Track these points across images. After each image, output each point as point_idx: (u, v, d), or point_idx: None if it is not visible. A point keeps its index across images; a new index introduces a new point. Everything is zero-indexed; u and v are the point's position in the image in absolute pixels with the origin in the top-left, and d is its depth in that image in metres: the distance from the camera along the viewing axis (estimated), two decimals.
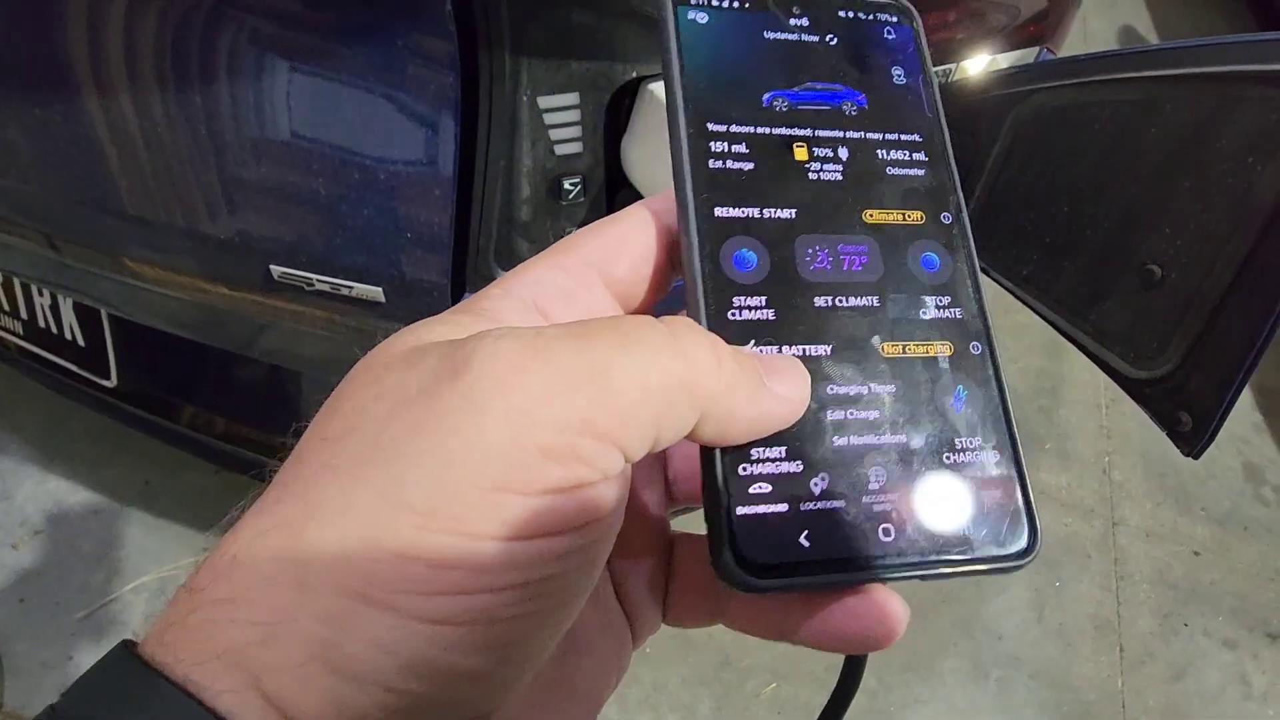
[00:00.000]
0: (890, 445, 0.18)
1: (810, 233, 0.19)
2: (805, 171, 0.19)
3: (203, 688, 0.13)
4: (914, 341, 0.19)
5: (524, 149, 0.46)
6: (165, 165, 0.51)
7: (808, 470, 0.17)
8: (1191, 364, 0.37)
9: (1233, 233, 0.35)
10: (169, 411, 0.71)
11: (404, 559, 0.13)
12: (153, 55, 0.48)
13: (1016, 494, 0.18)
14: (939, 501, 0.18)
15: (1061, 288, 0.44)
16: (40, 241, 0.60)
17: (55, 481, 1.06)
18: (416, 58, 0.44)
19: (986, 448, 0.18)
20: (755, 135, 0.19)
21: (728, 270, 0.18)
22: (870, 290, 0.19)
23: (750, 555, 0.17)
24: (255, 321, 0.57)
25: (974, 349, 0.19)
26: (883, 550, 0.17)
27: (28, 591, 0.97)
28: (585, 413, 0.14)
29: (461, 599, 0.13)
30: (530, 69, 0.44)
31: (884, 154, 0.20)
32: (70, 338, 0.71)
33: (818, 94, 0.20)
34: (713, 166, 0.19)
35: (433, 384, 0.14)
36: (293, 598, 0.13)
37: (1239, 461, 1.27)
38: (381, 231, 0.48)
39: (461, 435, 0.13)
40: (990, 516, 0.18)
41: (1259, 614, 1.11)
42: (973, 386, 0.19)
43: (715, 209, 0.18)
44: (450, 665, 0.13)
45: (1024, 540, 0.18)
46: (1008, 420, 0.19)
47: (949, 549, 0.17)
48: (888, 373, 0.18)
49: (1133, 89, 0.39)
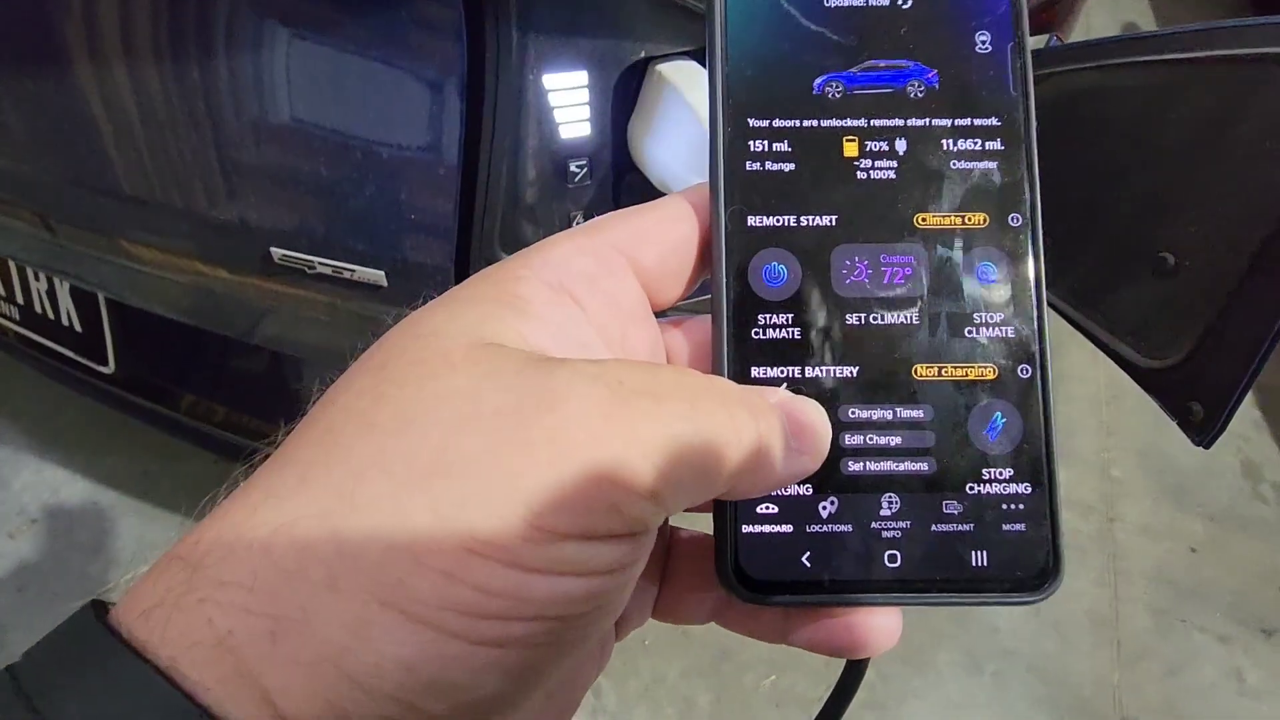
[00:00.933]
0: (909, 473, 0.17)
1: (850, 241, 0.18)
2: (854, 170, 0.18)
3: (187, 676, 0.12)
4: (953, 364, 0.17)
5: (530, 129, 0.45)
6: (163, 144, 0.50)
7: (817, 494, 0.17)
8: (1204, 353, 0.36)
9: (1250, 220, 0.34)
10: (167, 399, 0.70)
11: (451, 579, 0.13)
12: (150, 30, 0.47)
13: (1044, 530, 0.17)
14: (954, 533, 0.17)
15: (1073, 276, 0.43)
16: (36, 224, 0.59)
17: (53, 470, 1.05)
18: (421, 31, 0.43)
19: (1018, 479, 0.17)
20: (801, 130, 0.18)
21: (755, 285, 0.17)
22: (909, 306, 0.17)
23: (752, 571, 0.17)
24: (255, 306, 0.56)
25: (1022, 372, 0.17)
26: (886, 577, 0.17)
27: (25, 581, 0.97)
28: (656, 484, 0.14)
29: (502, 624, 0.13)
30: (537, 45, 0.44)
31: (950, 144, 0.18)
32: (67, 323, 0.71)
33: (879, 75, 0.18)
34: (750, 169, 0.18)
35: (514, 410, 0.14)
36: (319, 596, 0.13)
37: (1238, 459, 1.28)
38: (384, 213, 0.47)
39: (540, 474, 0.13)
40: (1010, 551, 0.17)
41: (1255, 611, 1.11)
42: (1013, 414, 0.17)
43: (749, 218, 0.17)
44: (471, 687, 0.13)
45: (1042, 578, 0.17)
46: (1048, 452, 0.17)
47: (957, 582, 0.17)
48: (918, 397, 0.17)
49: (1150, 73, 0.39)
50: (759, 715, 0.95)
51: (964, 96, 0.18)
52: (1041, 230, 0.18)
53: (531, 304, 0.16)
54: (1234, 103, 0.35)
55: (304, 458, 0.14)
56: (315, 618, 0.12)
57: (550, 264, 0.17)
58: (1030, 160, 0.18)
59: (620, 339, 0.17)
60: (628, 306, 0.17)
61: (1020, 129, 0.18)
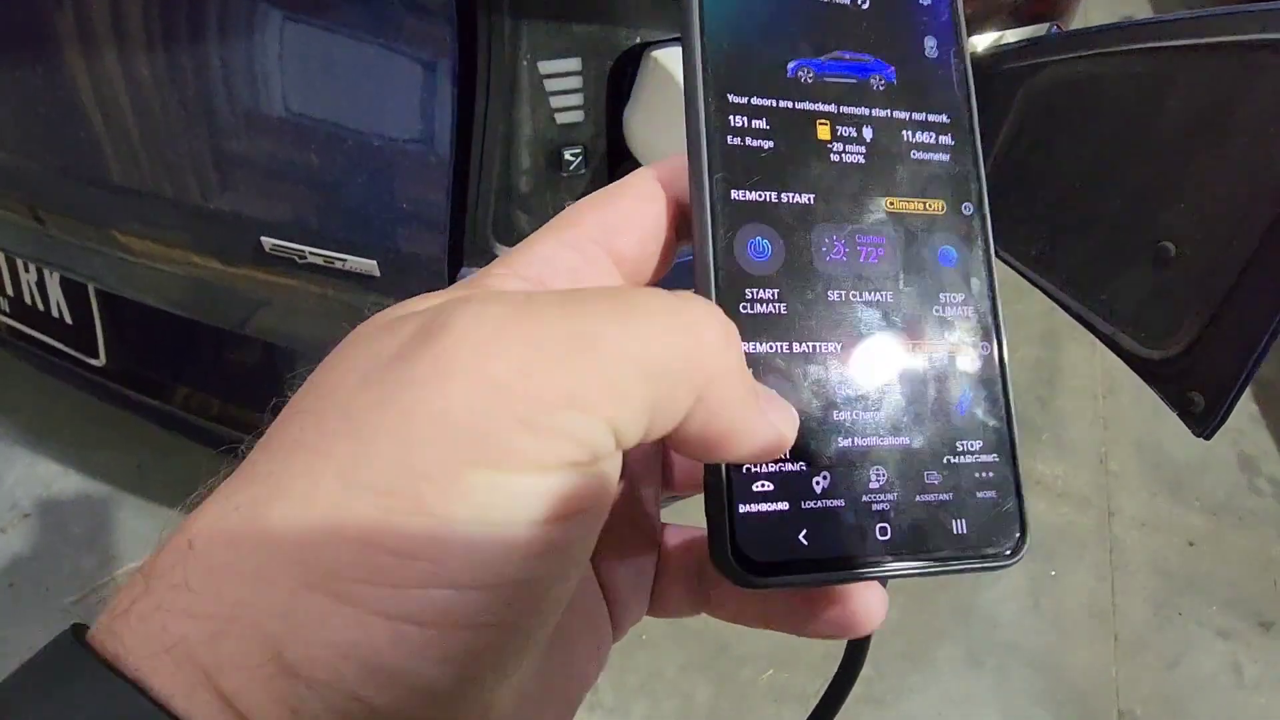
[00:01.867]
0: (893, 446, 0.18)
1: (829, 220, 0.18)
2: (828, 152, 0.18)
3: (152, 686, 0.12)
4: (925, 339, 0.18)
5: (524, 116, 0.45)
6: (153, 133, 0.50)
7: (811, 469, 0.17)
8: (1205, 343, 0.36)
9: (1249, 208, 0.34)
10: (159, 391, 0.70)
11: (366, 545, 0.12)
12: (139, 18, 0.47)
13: (1011, 496, 0.18)
14: (936, 502, 0.18)
15: (1072, 267, 0.43)
16: (25, 214, 0.59)
17: (45, 464, 1.04)
18: (413, 19, 0.43)
19: (986, 450, 0.18)
20: (778, 109, 0.18)
21: (741, 259, 0.17)
22: (885, 285, 0.18)
23: (750, 553, 0.17)
24: (246, 297, 0.55)
25: (982, 349, 0.19)
26: (880, 549, 0.17)
27: (17, 576, 0.96)
28: (571, 385, 0.13)
29: (425, 593, 0.12)
30: (531, 31, 0.43)
31: (909, 135, 0.19)
32: (57, 315, 0.70)
33: (845, 65, 0.19)
34: (731, 142, 0.18)
35: (406, 350, 0.13)
36: (248, 589, 0.12)
37: (1234, 452, 1.28)
38: (376, 201, 0.47)
39: (428, 405, 0.12)
40: (984, 517, 0.18)
41: (1252, 604, 1.11)
42: (978, 387, 0.19)
43: (732, 191, 0.17)
44: (411, 674, 0.12)
45: (1015, 541, 0.18)
46: (1009, 422, 0.19)
47: (943, 549, 0.18)
48: (897, 372, 0.18)
49: (1147, 60, 0.39)
50: (757, 709, 0.95)
51: (917, 93, 0.19)
52: (989, 218, 0.19)
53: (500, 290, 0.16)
54: (1230, 89, 0.34)
55: (249, 458, 0.14)
56: (249, 612, 0.12)
57: (531, 261, 0.16)
58: (976, 155, 0.20)
59: None
60: None
61: (966, 127, 0.20)
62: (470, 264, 0.49)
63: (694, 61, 0.18)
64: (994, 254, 0.19)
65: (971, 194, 0.19)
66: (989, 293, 0.19)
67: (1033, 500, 1.17)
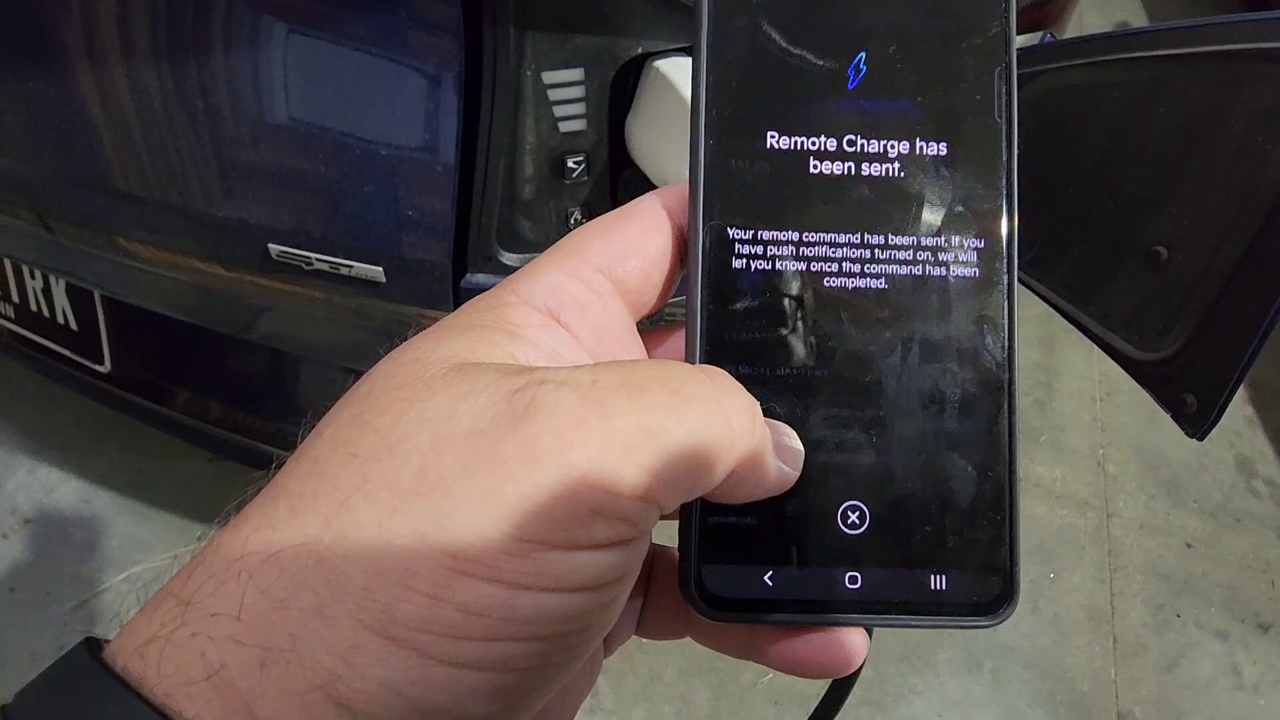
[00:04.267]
0: (873, 491, 0.17)
1: (829, 259, 0.17)
2: (835, 190, 0.17)
3: (182, 712, 0.12)
4: (922, 384, 0.17)
5: (527, 125, 0.45)
6: (160, 141, 0.50)
7: (780, 515, 0.17)
8: (1197, 345, 0.36)
9: (1240, 212, 0.35)
10: (164, 397, 0.70)
11: (436, 599, 0.13)
12: (147, 27, 0.47)
13: (1002, 555, 0.17)
14: (914, 554, 0.17)
15: (1066, 271, 0.44)
16: (32, 221, 0.59)
17: (46, 470, 1.04)
18: (419, 29, 0.43)
19: (979, 501, 0.17)
20: (784, 147, 0.17)
21: (732, 296, 0.17)
22: (882, 324, 0.17)
23: (715, 590, 0.17)
24: (253, 303, 0.56)
25: (990, 391, 0.17)
26: (845, 596, 0.17)
27: (18, 581, 0.96)
28: (639, 479, 0.14)
29: (486, 645, 0.13)
30: (535, 42, 0.44)
31: (931, 168, 0.18)
32: (63, 322, 0.70)
33: (865, 99, 0.18)
34: (732, 181, 0.17)
35: (489, 426, 0.14)
36: (307, 623, 0.13)
37: (1231, 455, 1.28)
38: (382, 209, 0.47)
39: (517, 486, 0.13)
40: (968, 575, 0.17)
41: (1250, 605, 1.12)
42: (979, 435, 0.17)
43: (728, 229, 0.17)
44: (458, 711, 0.13)
45: (999, 603, 0.17)
46: (1011, 481, 0.17)
47: (917, 603, 0.17)
48: (887, 415, 0.17)
49: (1140, 69, 0.39)
50: (757, 713, 0.95)
51: (946, 121, 0.18)
52: (1017, 257, 0.18)
53: (521, 327, 0.16)
54: (1222, 98, 0.35)
55: (293, 489, 0.14)
56: (304, 645, 0.12)
57: (539, 291, 0.17)
58: (1009, 188, 0.18)
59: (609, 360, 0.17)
60: (616, 331, 0.17)
61: (1000, 158, 0.18)
62: (474, 271, 0.50)
63: (700, 92, 0.17)
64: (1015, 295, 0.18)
65: (996, 230, 0.18)
66: (1005, 330, 0.17)
67: (1031, 503, 1.18)
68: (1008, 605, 0.17)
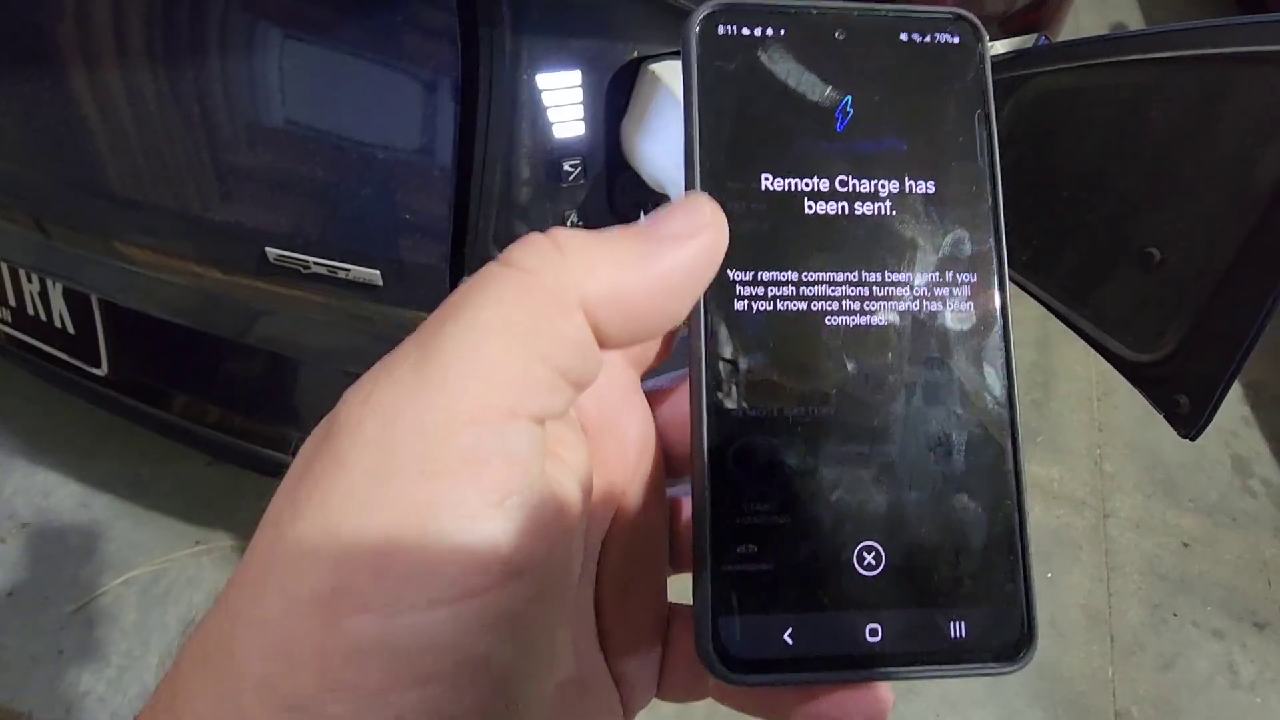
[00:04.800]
0: (886, 543, 0.17)
1: (830, 298, 0.17)
2: (828, 232, 0.17)
3: None
4: (926, 431, 0.17)
5: (523, 129, 0.46)
6: (157, 144, 0.50)
7: (795, 568, 0.17)
8: (1190, 347, 0.37)
9: (1232, 215, 0.35)
10: (161, 400, 0.70)
11: (322, 656, 0.12)
12: (144, 31, 0.47)
13: (1018, 597, 0.17)
14: (931, 604, 0.17)
15: (1061, 273, 0.44)
16: (29, 225, 0.59)
17: (44, 474, 1.04)
18: (416, 33, 0.43)
19: (992, 548, 0.17)
20: (776, 193, 0.17)
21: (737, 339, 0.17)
22: (884, 361, 0.17)
23: (732, 650, 0.16)
24: (250, 307, 0.56)
25: (993, 438, 0.17)
26: (867, 652, 0.17)
27: (16, 585, 0.96)
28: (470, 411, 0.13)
29: (381, 699, 0.12)
30: (530, 46, 0.44)
31: (919, 211, 0.18)
32: (60, 325, 0.70)
33: (854, 144, 0.18)
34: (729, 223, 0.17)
35: (312, 454, 0.13)
36: (214, 709, 0.12)
37: (1227, 454, 1.29)
38: (379, 213, 0.48)
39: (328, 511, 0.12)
40: (986, 621, 0.17)
41: (1247, 604, 1.12)
42: (986, 481, 0.17)
43: (728, 271, 0.17)
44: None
45: (1019, 647, 0.17)
46: (1021, 524, 0.17)
47: (937, 653, 0.17)
48: (895, 465, 0.17)
49: (1133, 72, 0.40)
50: None
51: (931, 166, 0.18)
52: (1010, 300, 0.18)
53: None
54: (1213, 101, 0.35)
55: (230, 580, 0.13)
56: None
57: None
58: (996, 232, 0.18)
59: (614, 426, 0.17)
60: (621, 393, 0.17)
61: (985, 201, 0.18)
62: (471, 273, 0.50)
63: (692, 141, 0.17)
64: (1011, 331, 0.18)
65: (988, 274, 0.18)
66: (1004, 374, 0.18)
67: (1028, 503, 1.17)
68: (1028, 649, 0.17)
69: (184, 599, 0.96)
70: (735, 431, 0.17)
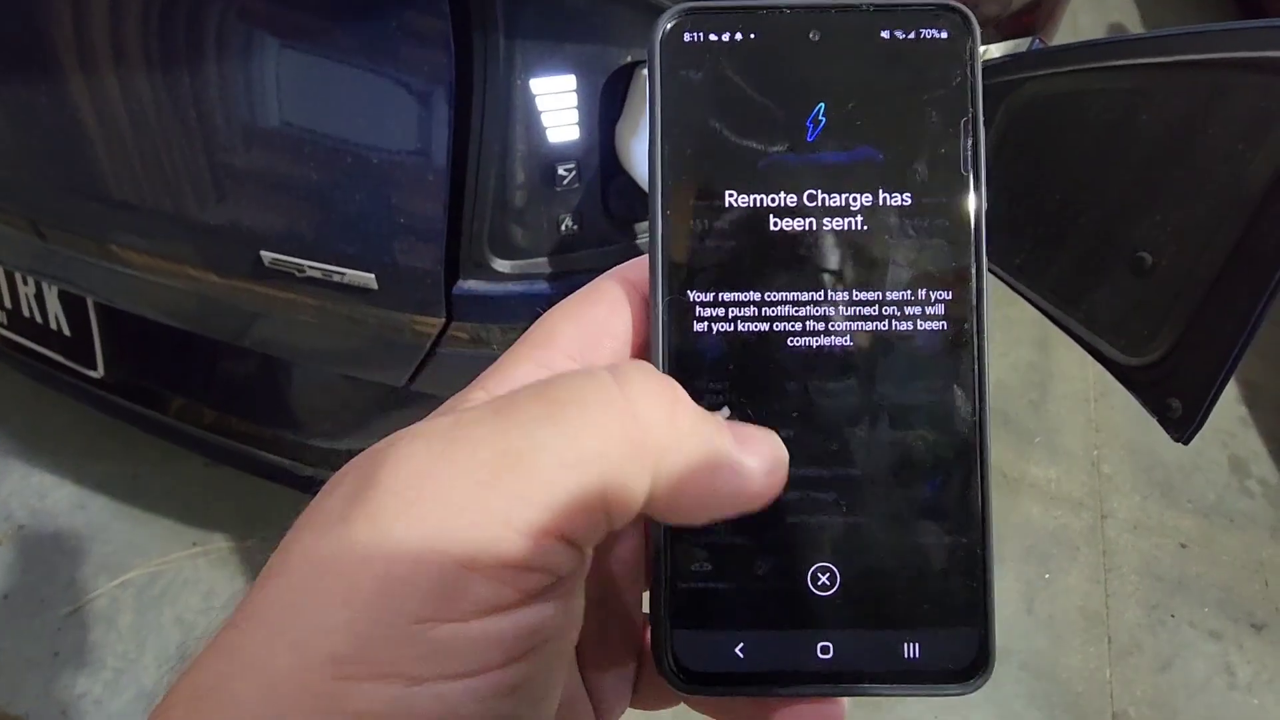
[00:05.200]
0: (842, 565, 0.17)
1: (792, 319, 0.17)
2: (796, 250, 0.17)
3: None
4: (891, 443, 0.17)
5: (518, 133, 0.46)
6: (153, 148, 0.50)
7: (749, 587, 0.17)
8: (1182, 350, 0.37)
9: (1223, 219, 0.35)
10: (157, 402, 0.70)
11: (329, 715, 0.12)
12: (140, 36, 0.48)
13: (976, 620, 0.17)
14: (885, 625, 0.17)
15: (1053, 276, 0.44)
16: (25, 228, 0.59)
17: (39, 475, 1.04)
18: (410, 38, 0.43)
19: (951, 573, 0.17)
20: (743, 210, 0.17)
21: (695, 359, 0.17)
22: (848, 383, 0.17)
23: (687, 663, 0.17)
24: (245, 310, 0.56)
25: (960, 462, 0.17)
26: (818, 669, 0.17)
27: (12, 587, 0.96)
28: (506, 511, 0.12)
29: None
30: (524, 51, 0.44)
31: (894, 225, 0.17)
32: (56, 327, 0.70)
33: (826, 155, 0.17)
34: (691, 243, 0.17)
35: (346, 508, 0.13)
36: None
37: (1224, 455, 1.29)
38: (374, 217, 0.48)
39: (371, 566, 0.12)
40: (940, 643, 0.17)
41: (1244, 605, 1.12)
42: (951, 506, 0.17)
43: (689, 291, 0.17)
44: None
45: (974, 670, 0.17)
46: (984, 547, 0.17)
47: (888, 673, 0.17)
48: (854, 481, 0.17)
49: (1124, 77, 0.40)
50: None
51: (910, 178, 0.17)
52: (987, 311, 0.17)
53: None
54: (1204, 106, 0.36)
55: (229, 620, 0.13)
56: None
57: (509, 387, 0.16)
58: (977, 244, 0.17)
59: None
60: None
61: (966, 215, 0.17)
62: (466, 277, 0.50)
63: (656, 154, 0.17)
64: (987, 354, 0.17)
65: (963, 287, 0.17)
66: (974, 384, 0.17)
67: (1026, 504, 1.18)
68: (982, 673, 0.17)
69: (180, 601, 0.96)
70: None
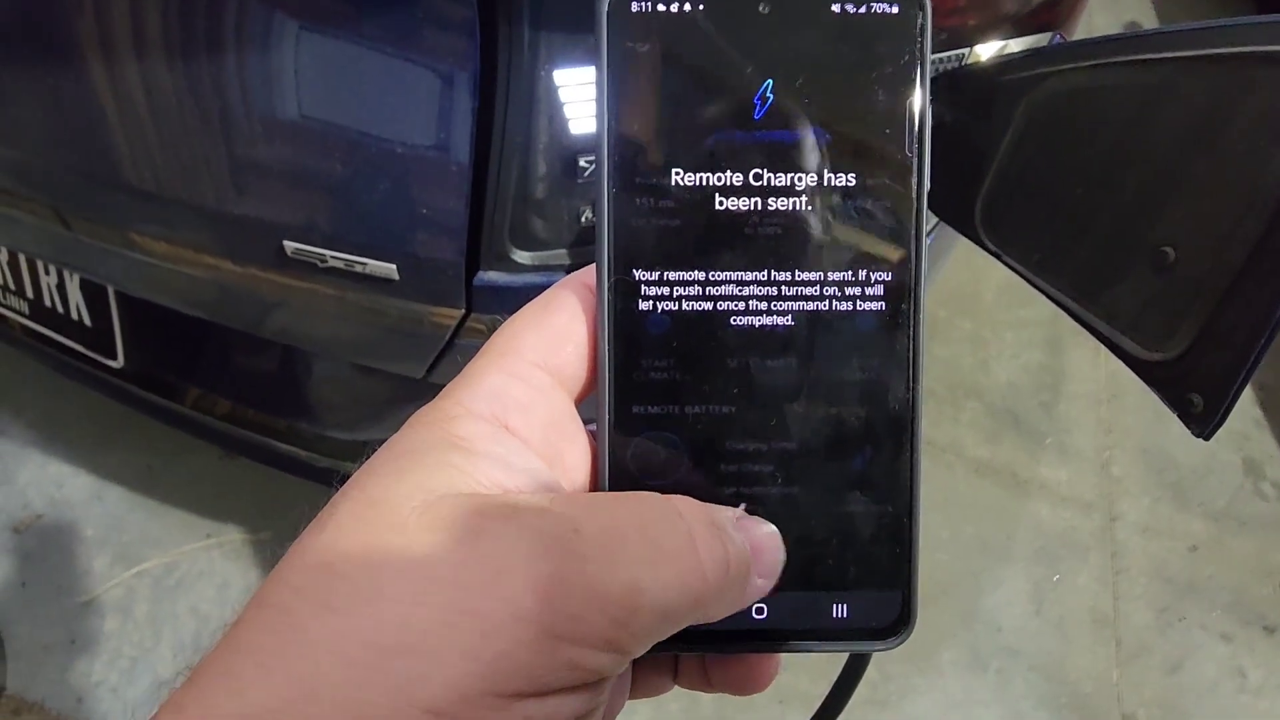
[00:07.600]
0: (780, 525, 0.17)
1: (735, 298, 0.17)
2: (740, 229, 0.17)
3: None
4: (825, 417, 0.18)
5: (541, 125, 0.46)
6: (176, 138, 0.51)
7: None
8: (1203, 345, 0.37)
9: (1245, 215, 0.35)
10: (176, 393, 0.70)
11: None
12: (163, 25, 0.48)
13: (900, 583, 0.18)
14: (816, 587, 0.18)
15: (1073, 271, 0.44)
16: (48, 216, 0.60)
17: (57, 465, 1.05)
18: (434, 28, 0.44)
19: (878, 539, 0.18)
20: (689, 188, 0.17)
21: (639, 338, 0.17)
22: (786, 359, 0.17)
23: None
24: (266, 300, 0.57)
25: (893, 425, 0.18)
26: (752, 627, 0.18)
27: (30, 575, 0.97)
28: (614, 635, 0.14)
29: None
30: (549, 41, 0.44)
31: (838, 207, 0.17)
32: (77, 317, 0.71)
33: (773, 133, 0.17)
34: (637, 223, 0.17)
35: (467, 579, 0.14)
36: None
37: (1238, 457, 1.28)
38: (396, 207, 0.48)
39: (499, 644, 0.14)
40: (866, 603, 0.18)
41: (1255, 608, 1.11)
42: (880, 478, 0.18)
43: (634, 271, 0.17)
44: None
45: (897, 627, 0.18)
46: (911, 504, 0.18)
47: (821, 630, 0.18)
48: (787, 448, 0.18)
49: (1146, 71, 0.40)
50: (762, 711, 0.96)
51: (856, 160, 0.17)
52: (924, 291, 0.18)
53: (474, 442, 0.16)
54: (1227, 101, 0.35)
55: (261, 643, 0.14)
56: None
57: (481, 397, 0.17)
58: (916, 229, 0.17)
59: (558, 457, 0.18)
60: (561, 424, 0.18)
61: (909, 198, 0.17)
62: (487, 269, 0.50)
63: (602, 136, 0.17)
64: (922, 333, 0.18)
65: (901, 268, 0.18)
66: (908, 364, 0.18)
67: (1036, 505, 1.18)
68: (904, 630, 0.18)
69: (195, 591, 0.97)
70: (636, 428, 0.18)
